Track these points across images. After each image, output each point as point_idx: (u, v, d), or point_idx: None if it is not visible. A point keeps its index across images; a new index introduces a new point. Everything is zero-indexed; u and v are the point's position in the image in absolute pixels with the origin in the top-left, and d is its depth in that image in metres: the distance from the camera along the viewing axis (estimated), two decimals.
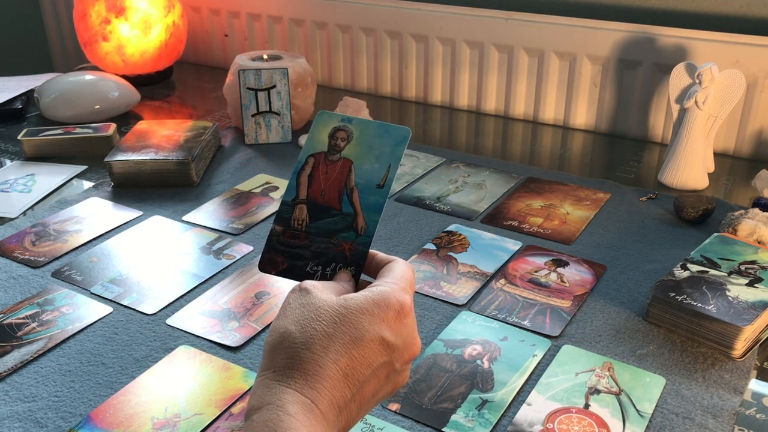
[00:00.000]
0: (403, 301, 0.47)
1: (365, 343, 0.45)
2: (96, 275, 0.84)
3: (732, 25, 1.14)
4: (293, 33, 1.51)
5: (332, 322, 0.45)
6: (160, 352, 0.72)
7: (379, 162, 0.54)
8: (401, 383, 0.49)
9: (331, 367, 0.44)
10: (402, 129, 0.55)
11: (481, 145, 1.23)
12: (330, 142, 0.55)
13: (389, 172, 0.54)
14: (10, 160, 1.16)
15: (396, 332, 0.47)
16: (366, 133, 0.55)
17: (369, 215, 0.53)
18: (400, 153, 0.54)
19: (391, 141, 0.55)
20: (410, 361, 0.49)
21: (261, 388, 0.44)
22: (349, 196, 0.54)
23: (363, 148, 0.55)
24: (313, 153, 0.55)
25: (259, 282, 0.82)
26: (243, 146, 1.19)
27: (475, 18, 1.29)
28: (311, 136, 0.56)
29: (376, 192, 0.54)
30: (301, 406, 0.42)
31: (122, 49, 1.41)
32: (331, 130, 0.56)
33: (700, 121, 1.01)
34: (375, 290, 0.48)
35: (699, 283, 0.74)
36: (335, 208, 0.54)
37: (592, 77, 1.24)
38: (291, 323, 0.45)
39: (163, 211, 0.99)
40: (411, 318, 0.48)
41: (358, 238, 0.53)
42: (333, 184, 0.54)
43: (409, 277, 0.50)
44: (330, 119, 0.56)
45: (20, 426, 0.62)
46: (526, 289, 0.80)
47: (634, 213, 0.97)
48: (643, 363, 0.69)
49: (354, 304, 0.46)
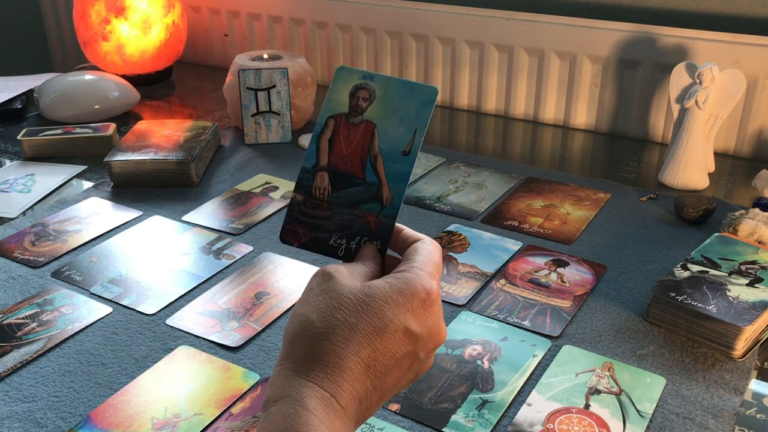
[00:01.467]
0: (429, 288, 0.45)
1: (388, 333, 0.43)
2: (96, 275, 0.84)
3: (732, 25, 1.14)
4: (293, 33, 1.51)
5: (355, 311, 0.43)
6: (160, 352, 0.71)
7: (404, 126, 0.50)
8: (424, 370, 0.48)
9: (352, 359, 0.42)
10: (428, 88, 0.50)
11: (481, 145, 1.23)
12: (351, 102, 0.50)
13: (415, 137, 0.50)
14: (9, 160, 1.16)
15: (421, 321, 0.45)
16: (389, 93, 0.50)
17: (395, 185, 0.49)
18: (427, 116, 0.50)
19: (416, 102, 0.50)
20: (435, 349, 0.47)
21: (280, 379, 0.42)
22: (373, 163, 0.50)
23: (386, 109, 0.50)
24: (333, 114, 0.51)
25: (259, 282, 0.82)
26: (243, 146, 1.19)
27: (475, 18, 1.29)
28: (330, 95, 0.51)
29: (401, 159, 0.50)
30: (320, 400, 0.41)
31: (122, 48, 1.41)
32: (352, 88, 0.51)
33: (700, 121, 1.01)
34: (400, 276, 0.45)
35: (699, 283, 0.73)
36: (359, 177, 0.50)
37: (593, 77, 1.24)
38: (313, 311, 0.44)
39: (162, 211, 0.99)
40: (437, 305, 0.46)
41: (383, 210, 0.49)
42: (355, 150, 0.50)
43: (436, 259, 0.47)
44: (350, 75, 0.51)
45: (20, 426, 0.62)
46: (526, 289, 0.80)
47: (635, 213, 0.97)
48: (644, 363, 0.69)
49: (378, 293, 0.44)
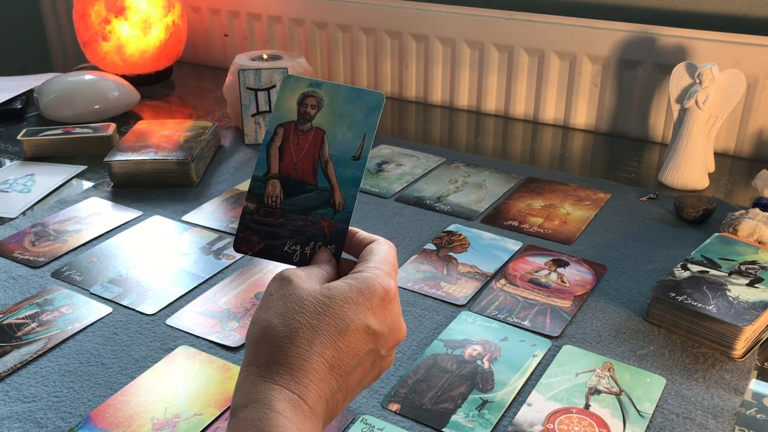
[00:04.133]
0: (387, 286, 0.46)
1: (350, 333, 0.44)
2: (96, 275, 0.84)
3: (732, 25, 1.14)
4: (293, 33, 1.51)
5: (316, 313, 0.44)
6: (160, 352, 0.71)
7: (353, 131, 0.51)
8: (386, 368, 0.49)
9: (316, 360, 0.43)
10: (374, 94, 0.51)
11: (481, 145, 1.23)
12: (299, 110, 0.51)
13: (364, 142, 0.50)
14: (9, 160, 1.16)
15: (381, 319, 0.46)
16: (337, 99, 0.51)
17: (346, 190, 0.50)
18: (375, 121, 0.50)
19: (364, 108, 0.51)
20: (395, 346, 0.48)
21: (246, 385, 0.43)
22: (324, 169, 0.51)
23: (335, 115, 0.51)
24: (282, 122, 0.52)
25: (258, 282, 0.82)
26: (243, 146, 1.19)
27: (475, 18, 1.29)
28: (278, 103, 0.52)
29: (352, 164, 0.50)
30: (288, 402, 0.41)
31: (122, 48, 1.41)
32: (300, 96, 0.52)
33: (700, 121, 1.01)
34: (358, 277, 0.46)
35: (699, 284, 0.73)
36: (310, 183, 0.51)
37: (592, 77, 1.24)
38: (274, 316, 0.44)
39: (162, 211, 0.99)
40: (396, 303, 0.47)
41: (336, 215, 0.50)
42: (306, 156, 0.51)
43: (392, 259, 0.49)
44: (297, 84, 0.52)
45: (20, 426, 0.62)
46: (526, 290, 0.80)
47: (635, 213, 0.97)
48: (644, 363, 0.69)
49: (338, 293, 0.45)
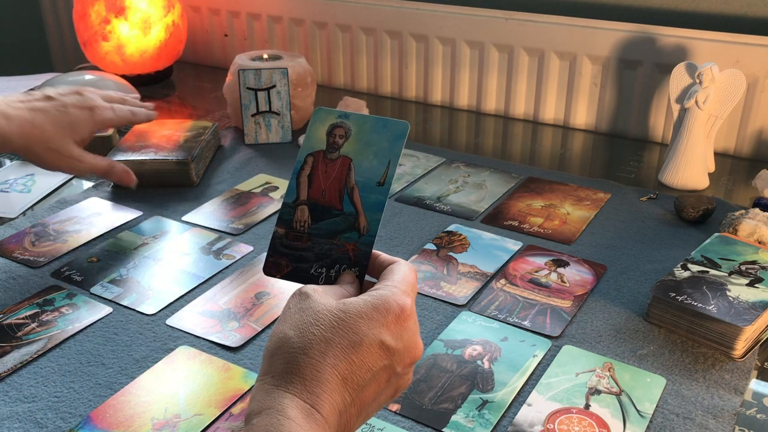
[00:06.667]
0: (403, 304, 0.47)
1: (364, 347, 0.45)
2: (96, 275, 0.84)
3: (732, 25, 1.14)
4: (293, 33, 1.51)
5: (330, 327, 0.45)
6: (160, 352, 0.71)
7: (378, 158, 0.53)
8: (404, 386, 0.49)
9: (329, 372, 0.44)
10: (400, 123, 0.54)
11: (481, 145, 1.23)
12: (328, 140, 0.55)
13: (389, 169, 0.53)
14: (9, 160, 1.15)
15: (396, 336, 0.46)
16: (364, 129, 0.54)
17: (370, 214, 0.53)
18: (400, 148, 0.53)
19: (389, 136, 0.54)
20: (412, 364, 0.49)
21: (260, 393, 0.44)
22: (350, 195, 0.53)
23: (361, 144, 0.54)
24: (311, 152, 0.55)
25: (259, 282, 0.82)
26: (243, 146, 1.19)
27: (475, 18, 1.29)
28: (309, 134, 0.55)
29: (376, 190, 0.53)
30: (300, 410, 0.42)
31: (122, 48, 1.41)
32: (329, 127, 0.55)
33: (700, 121, 1.01)
34: (375, 294, 0.47)
35: (699, 283, 0.73)
36: (336, 208, 0.53)
37: (592, 77, 1.24)
38: (289, 328, 0.46)
39: (163, 211, 0.99)
40: (412, 321, 0.48)
41: (360, 239, 0.52)
42: (333, 183, 0.54)
43: (411, 279, 0.50)
44: (327, 116, 0.55)
45: (20, 426, 0.62)
46: (526, 290, 0.80)
47: (635, 213, 0.97)
48: (644, 363, 0.69)
49: (353, 309, 0.46)
